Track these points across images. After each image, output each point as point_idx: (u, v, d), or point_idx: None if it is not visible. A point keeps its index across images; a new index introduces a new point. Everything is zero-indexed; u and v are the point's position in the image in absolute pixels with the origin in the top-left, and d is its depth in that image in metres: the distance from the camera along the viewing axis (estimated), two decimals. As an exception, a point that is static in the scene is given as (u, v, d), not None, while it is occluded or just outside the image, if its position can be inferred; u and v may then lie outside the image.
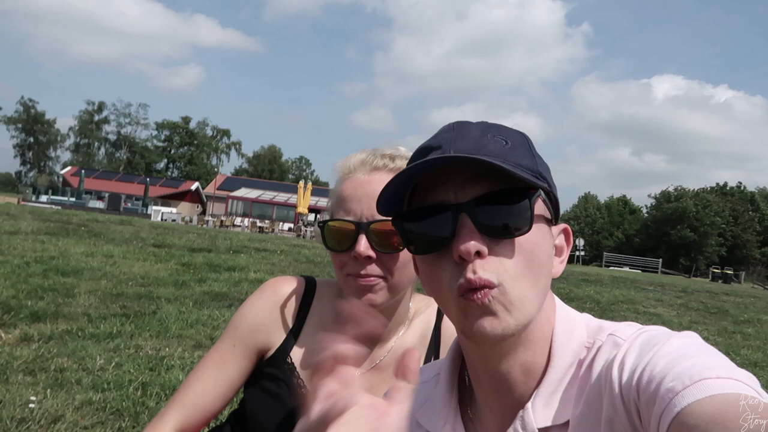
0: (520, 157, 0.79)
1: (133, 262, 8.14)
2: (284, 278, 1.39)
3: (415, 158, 0.84)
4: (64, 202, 38.36)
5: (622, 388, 0.71)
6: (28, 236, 9.34)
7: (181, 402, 1.28)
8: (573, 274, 15.85)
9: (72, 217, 13.47)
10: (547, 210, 0.83)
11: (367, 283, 1.17)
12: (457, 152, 0.77)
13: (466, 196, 0.77)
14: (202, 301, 6.10)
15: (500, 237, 0.76)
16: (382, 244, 1.16)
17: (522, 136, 0.84)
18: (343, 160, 1.27)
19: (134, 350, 4.13)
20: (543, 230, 0.81)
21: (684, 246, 58.46)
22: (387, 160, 1.23)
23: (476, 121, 0.84)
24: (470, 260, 0.75)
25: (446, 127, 0.84)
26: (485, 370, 0.85)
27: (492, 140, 0.79)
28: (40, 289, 5.56)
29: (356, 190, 1.20)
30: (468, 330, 0.78)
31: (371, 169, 1.22)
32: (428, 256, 0.81)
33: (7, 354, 3.69)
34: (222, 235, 14.56)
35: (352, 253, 1.16)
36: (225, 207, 47.92)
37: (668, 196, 62.96)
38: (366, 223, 1.16)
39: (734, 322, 9.40)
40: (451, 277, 0.78)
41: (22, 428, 2.71)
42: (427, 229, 0.80)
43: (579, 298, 9.94)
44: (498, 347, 0.81)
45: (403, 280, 1.20)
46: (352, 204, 1.19)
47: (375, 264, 1.17)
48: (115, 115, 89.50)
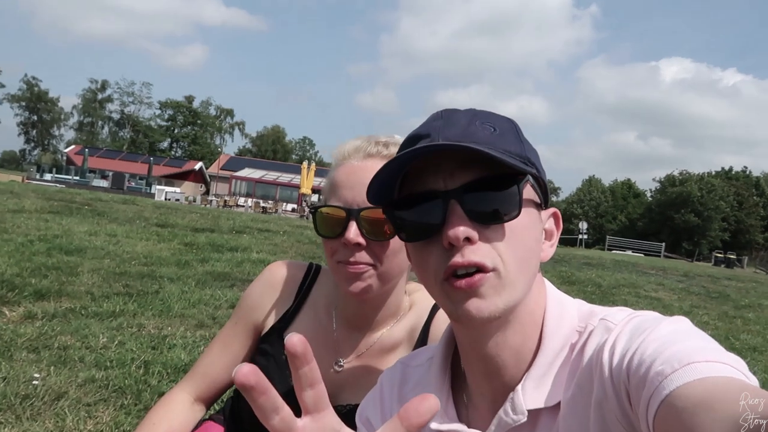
0: (508, 144, 0.79)
1: (136, 241, 8.17)
2: (284, 262, 1.44)
3: (404, 147, 0.85)
4: (68, 181, 38.47)
5: (613, 371, 0.72)
6: (31, 215, 9.37)
7: (194, 373, 1.41)
8: (575, 258, 15.87)
9: (75, 196, 13.50)
10: (536, 195, 0.84)
11: (357, 271, 1.17)
12: (445, 140, 0.77)
13: (455, 183, 0.77)
14: (205, 281, 6.13)
15: (490, 222, 0.77)
16: (372, 231, 1.16)
17: (509, 122, 0.85)
18: (339, 146, 1.27)
19: (137, 329, 4.17)
20: (532, 215, 0.82)
21: (687, 230, 58.36)
22: (381, 147, 1.23)
23: (464, 109, 0.85)
24: (459, 246, 0.76)
25: (434, 116, 0.84)
26: (475, 353, 0.86)
27: (480, 127, 0.79)
28: (44, 267, 5.60)
29: (349, 177, 1.20)
30: (454, 313, 0.80)
31: (365, 155, 1.22)
32: (419, 243, 0.82)
33: (11, 331, 3.73)
34: (225, 216, 14.59)
35: (342, 239, 1.16)
36: (228, 187, 47.96)
37: (673, 180, 62.75)
38: (357, 210, 1.16)
39: (735, 306, 9.43)
40: (438, 262, 0.79)
41: (26, 404, 2.75)
42: (418, 216, 0.80)
43: (580, 282, 9.97)
44: (486, 329, 0.82)
45: (392, 268, 1.21)
46: (344, 191, 1.19)
47: (365, 251, 1.17)
48: (118, 93, 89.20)
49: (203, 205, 27.83)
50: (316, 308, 1.37)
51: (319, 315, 1.37)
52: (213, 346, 1.42)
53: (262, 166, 56.14)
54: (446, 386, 0.93)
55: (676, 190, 59.89)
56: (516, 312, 0.82)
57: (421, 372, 1.00)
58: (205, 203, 33.94)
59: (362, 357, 1.33)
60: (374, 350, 1.33)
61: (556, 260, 13.92)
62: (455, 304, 0.78)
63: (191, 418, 1.37)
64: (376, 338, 1.33)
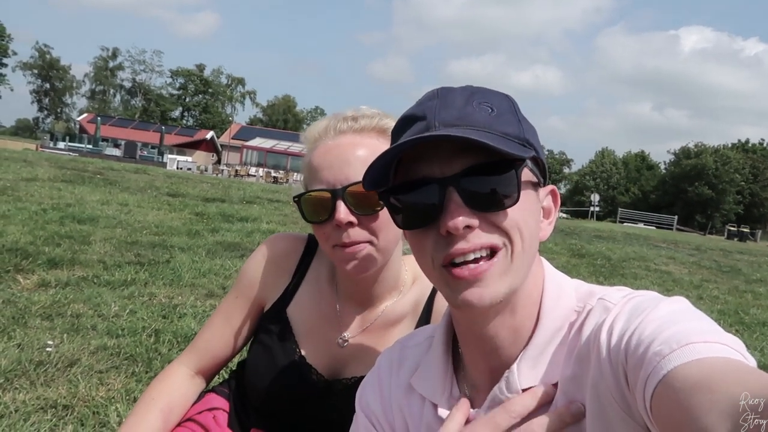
0: (506, 125, 0.77)
1: (148, 210, 8.23)
2: (284, 235, 1.42)
3: (398, 128, 0.83)
4: (81, 149, 38.59)
5: (611, 351, 0.72)
6: (44, 183, 9.44)
7: (194, 346, 1.40)
8: (585, 231, 15.80)
9: (88, 165, 13.58)
10: (534, 175, 0.82)
11: (354, 251, 1.16)
12: (441, 122, 0.76)
13: (452, 169, 0.76)
14: (215, 250, 6.18)
15: (488, 209, 0.76)
16: (361, 206, 1.14)
17: (507, 100, 0.82)
18: (307, 130, 1.25)
19: (148, 298, 4.22)
20: (530, 197, 0.81)
21: (701, 203, 57.86)
22: (351, 122, 1.21)
23: (461, 87, 0.82)
24: (459, 235, 0.75)
25: (430, 94, 0.82)
26: (473, 334, 0.86)
27: (477, 108, 0.77)
28: (57, 236, 5.66)
29: (326, 157, 1.18)
30: (454, 300, 0.79)
31: (336, 133, 1.20)
32: (417, 230, 0.81)
33: (25, 299, 3.79)
34: (236, 186, 14.63)
35: (333, 221, 1.15)
36: (240, 156, 47.97)
37: (688, 152, 61.96)
38: (341, 188, 1.14)
39: (746, 281, 9.37)
40: (437, 249, 0.78)
41: (40, 371, 2.81)
42: (414, 204, 0.79)
43: (590, 255, 9.93)
44: (486, 313, 0.82)
45: (389, 240, 1.19)
46: (324, 172, 1.17)
47: (358, 228, 1.16)
48: (129, 62, 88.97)
49: (215, 175, 27.92)
50: (317, 283, 1.37)
51: (322, 290, 1.36)
52: (214, 320, 1.41)
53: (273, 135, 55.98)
54: (449, 368, 0.93)
55: (691, 163, 59.20)
56: (516, 294, 0.81)
57: (419, 352, 1.00)
58: (217, 173, 34.05)
59: (366, 331, 1.33)
60: (378, 324, 1.33)
61: (566, 233, 13.87)
62: (455, 292, 0.78)
63: (191, 392, 1.38)
64: (379, 312, 1.33)
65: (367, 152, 1.17)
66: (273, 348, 1.33)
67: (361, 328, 1.33)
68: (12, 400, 2.52)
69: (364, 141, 1.20)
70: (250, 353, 1.39)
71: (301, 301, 1.36)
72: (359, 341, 1.33)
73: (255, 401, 1.38)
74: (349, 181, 1.14)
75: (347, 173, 1.15)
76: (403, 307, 1.34)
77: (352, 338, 1.33)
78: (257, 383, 1.34)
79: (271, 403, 1.34)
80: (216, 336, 1.39)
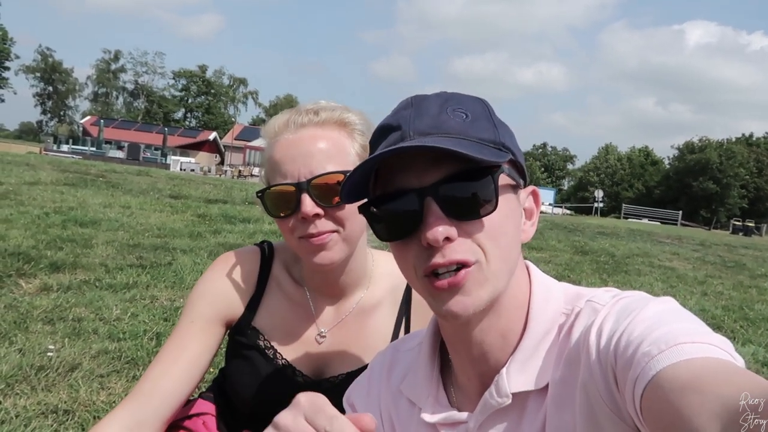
0: (481, 130, 0.77)
1: (150, 213, 8.24)
2: (237, 251, 1.38)
3: (375, 138, 0.83)
4: (85, 152, 38.71)
5: (600, 353, 0.72)
6: (47, 187, 9.47)
7: (138, 392, 1.19)
8: (589, 227, 15.76)
9: (90, 168, 13.61)
10: (512, 178, 0.82)
11: (321, 241, 1.15)
12: (416, 132, 0.75)
13: (430, 179, 0.76)
14: (217, 252, 6.18)
15: (467, 218, 0.76)
16: (325, 197, 1.14)
17: (482, 104, 0.82)
18: (267, 124, 1.23)
19: (150, 301, 4.23)
20: (510, 201, 0.81)
21: (705, 198, 57.70)
22: (312, 115, 1.20)
23: (434, 93, 0.82)
24: (439, 246, 0.75)
25: (404, 103, 0.82)
26: (460, 340, 0.86)
27: (452, 115, 0.77)
28: (59, 239, 5.67)
29: (288, 151, 1.17)
30: (438, 310, 0.80)
31: (297, 126, 1.19)
32: (398, 241, 0.81)
33: (27, 303, 3.80)
34: (238, 187, 14.64)
35: (299, 215, 1.14)
36: (243, 157, 48.05)
37: (692, 147, 61.79)
38: (305, 181, 1.14)
39: (751, 276, 9.32)
40: (418, 259, 0.78)
41: (41, 375, 2.82)
42: (394, 215, 0.79)
43: (594, 251, 9.90)
44: (470, 320, 0.82)
45: (355, 229, 1.19)
46: (286, 166, 1.16)
47: (324, 219, 1.15)
48: (131, 63, 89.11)
49: (218, 176, 27.99)
50: (283, 286, 1.35)
51: (289, 292, 1.34)
52: (164, 354, 1.24)
53: (276, 135, 55.80)
54: (435, 374, 0.94)
55: (695, 157, 59.02)
56: (499, 299, 0.81)
57: (411, 357, 1.00)
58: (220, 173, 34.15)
59: (342, 323, 1.32)
60: (354, 314, 1.32)
61: (569, 230, 13.84)
62: (438, 302, 0.78)
63: None
64: (354, 303, 1.33)
65: (328, 145, 1.18)
66: (253, 359, 1.32)
67: (336, 320, 1.33)
68: (13, 405, 2.53)
69: (326, 134, 1.19)
70: (231, 368, 1.36)
71: (270, 308, 1.34)
72: (337, 334, 1.32)
73: (243, 410, 1.37)
74: (313, 174, 1.14)
75: (311, 166, 1.15)
76: (377, 296, 1.34)
77: (329, 332, 1.33)
78: (244, 394, 1.33)
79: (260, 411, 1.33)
80: (170, 372, 1.21)
